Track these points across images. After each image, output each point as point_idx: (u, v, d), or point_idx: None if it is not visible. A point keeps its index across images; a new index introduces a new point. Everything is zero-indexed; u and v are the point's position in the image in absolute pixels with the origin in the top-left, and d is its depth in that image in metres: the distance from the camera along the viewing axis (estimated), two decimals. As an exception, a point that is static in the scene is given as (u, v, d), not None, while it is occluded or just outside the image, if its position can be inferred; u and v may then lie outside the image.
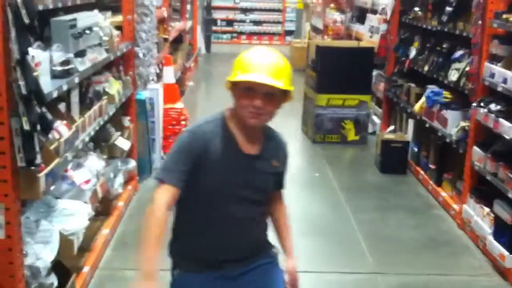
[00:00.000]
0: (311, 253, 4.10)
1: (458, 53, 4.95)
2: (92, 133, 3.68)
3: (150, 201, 2.02)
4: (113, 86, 4.31)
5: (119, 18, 4.84)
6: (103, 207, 4.16)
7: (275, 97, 2.05)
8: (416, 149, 5.83)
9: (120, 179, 4.45)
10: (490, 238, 3.95)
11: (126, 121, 4.87)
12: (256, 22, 16.78)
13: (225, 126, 2.11)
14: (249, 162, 2.13)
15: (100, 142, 4.29)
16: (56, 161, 2.86)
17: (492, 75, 4.08)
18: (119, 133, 4.61)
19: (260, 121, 2.07)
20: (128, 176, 4.86)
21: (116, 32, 4.44)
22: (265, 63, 2.03)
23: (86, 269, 3.50)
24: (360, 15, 8.61)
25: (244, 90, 2.03)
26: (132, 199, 4.84)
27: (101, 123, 3.92)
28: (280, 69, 2.05)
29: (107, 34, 4.16)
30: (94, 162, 3.81)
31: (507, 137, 3.78)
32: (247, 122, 2.06)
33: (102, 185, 3.85)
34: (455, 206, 4.69)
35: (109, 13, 4.88)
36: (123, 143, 4.56)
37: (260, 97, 2.02)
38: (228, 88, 2.11)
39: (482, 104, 4.21)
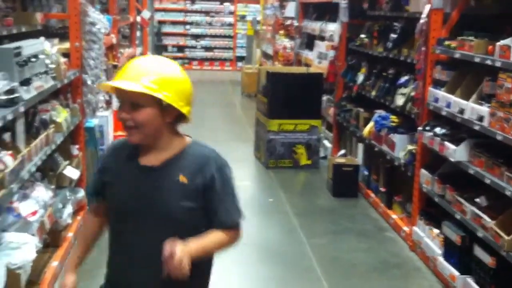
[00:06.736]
0: (266, 279, 4.08)
1: (403, 78, 5.08)
2: (39, 162, 3.59)
3: None
4: (61, 114, 4.23)
5: (66, 45, 4.77)
6: (52, 238, 4.04)
7: (141, 107, 1.78)
8: (366, 173, 5.93)
9: (69, 209, 4.33)
10: (441, 259, 4.03)
11: (75, 149, 4.76)
12: (207, 48, 16.88)
13: None
14: (145, 174, 1.86)
15: (47, 171, 4.18)
16: (1, 192, 2.78)
17: (436, 100, 4.21)
18: (67, 162, 4.50)
19: (136, 137, 1.82)
20: (78, 205, 4.73)
21: (63, 60, 4.37)
22: (129, 67, 1.81)
23: (33, 304, 3.38)
24: (309, 42, 8.78)
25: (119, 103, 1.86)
26: (82, 229, 4.72)
27: (49, 152, 3.83)
28: (143, 70, 1.77)
29: (54, 61, 4.09)
30: (42, 193, 3.70)
31: (452, 159, 3.90)
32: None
33: (50, 216, 3.74)
34: (406, 228, 4.78)
35: (56, 40, 4.82)
36: (72, 172, 4.45)
37: (125, 107, 1.80)
38: None
39: (427, 128, 4.33)
